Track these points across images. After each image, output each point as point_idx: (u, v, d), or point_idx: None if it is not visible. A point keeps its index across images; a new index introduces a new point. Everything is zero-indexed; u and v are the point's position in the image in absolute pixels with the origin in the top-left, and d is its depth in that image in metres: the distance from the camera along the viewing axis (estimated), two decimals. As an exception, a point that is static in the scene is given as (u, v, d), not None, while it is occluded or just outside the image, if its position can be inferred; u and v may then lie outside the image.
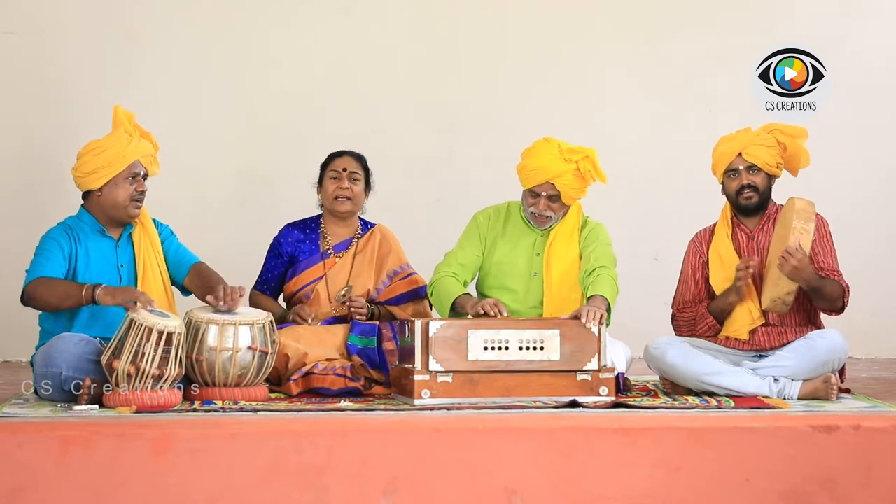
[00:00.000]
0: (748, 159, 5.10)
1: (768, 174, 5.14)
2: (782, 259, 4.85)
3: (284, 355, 5.04)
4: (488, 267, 5.31)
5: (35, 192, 7.06)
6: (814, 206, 4.95)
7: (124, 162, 4.89)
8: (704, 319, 5.15)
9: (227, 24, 7.30)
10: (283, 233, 5.51)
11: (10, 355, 7.02)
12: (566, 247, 5.25)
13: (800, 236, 4.86)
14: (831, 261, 5.08)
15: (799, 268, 4.83)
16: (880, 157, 7.46)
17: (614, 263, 5.21)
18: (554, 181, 5.15)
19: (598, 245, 5.23)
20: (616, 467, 3.93)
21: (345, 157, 5.46)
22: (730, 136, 5.21)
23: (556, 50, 7.43)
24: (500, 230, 5.32)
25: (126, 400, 4.42)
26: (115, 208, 4.93)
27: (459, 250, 5.31)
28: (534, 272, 5.25)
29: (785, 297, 4.93)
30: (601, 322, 4.70)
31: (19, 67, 7.16)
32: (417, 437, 3.98)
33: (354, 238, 5.49)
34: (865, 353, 7.32)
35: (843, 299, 5.02)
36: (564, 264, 5.23)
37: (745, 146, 5.11)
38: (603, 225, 5.33)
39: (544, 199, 5.19)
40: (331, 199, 5.40)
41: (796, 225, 4.88)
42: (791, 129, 5.19)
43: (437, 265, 5.30)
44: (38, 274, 4.80)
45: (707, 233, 5.30)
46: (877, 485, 3.95)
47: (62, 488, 3.79)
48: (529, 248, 5.28)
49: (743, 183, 5.11)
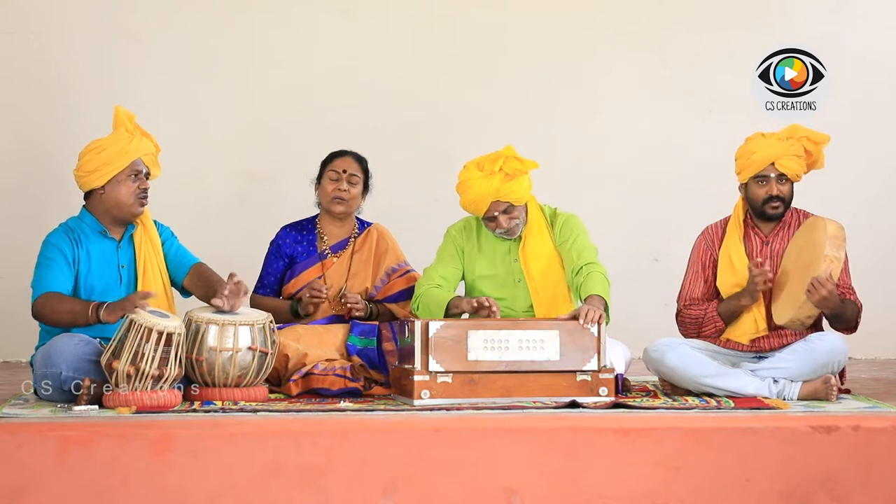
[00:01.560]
0: (780, 169, 5.02)
1: (792, 183, 5.11)
2: (812, 288, 4.77)
3: (284, 355, 5.04)
4: (472, 281, 5.30)
5: (35, 192, 7.06)
6: (844, 231, 4.87)
7: (126, 159, 4.89)
8: (714, 322, 5.09)
9: (227, 23, 7.30)
10: (280, 234, 5.51)
11: (10, 355, 7.02)
12: (540, 245, 5.22)
13: (831, 265, 4.78)
14: (846, 277, 5.04)
15: (828, 298, 4.78)
16: (881, 158, 7.45)
17: (596, 253, 5.18)
18: (496, 198, 5.12)
19: (577, 237, 5.19)
20: (616, 467, 3.93)
21: (346, 158, 5.46)
22: (762, 142, 5.08)
23: (556, 50, 7.43)
24: (474, 243, 5.30)
25: (126, 400, 4.42)
26: (119, 207, 4.92)
27: (439, 265, 5.30)
28: (517, 278, 5.24)
29: (805, 321, 4.89)
30: (600, 322, 4.70)
31: (19, 67, 7.15)
32: (417, 437, 3.98)
33: (351, 237, 5.49)
34: (865, 354, 7.32)
35: (857, 320, 5.00)
36: (542, 263, 5.20)
37: (779, 156, 5.02)
38: (575, 215, 5.29)
39: (501, 217, 5.16)
40: (328, 199, 5.41)
41: (828, 253, 4.79)
42: (818, 137, 5.10)
43: (418, 281, 5.30)
44: (44, 289, 4.79)
45: (719, 229, 5.22)
46: (877, 485, 3.95)
47: (62, 488, 3.79)
48: (506, 256, 5.26)
49: (773, 193, 5.04)
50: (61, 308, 4.74)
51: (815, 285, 4.76)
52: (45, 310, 4.76)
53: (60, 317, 4.74)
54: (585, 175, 7.31)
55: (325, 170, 5.45)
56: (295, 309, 5.33)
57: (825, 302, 4.79)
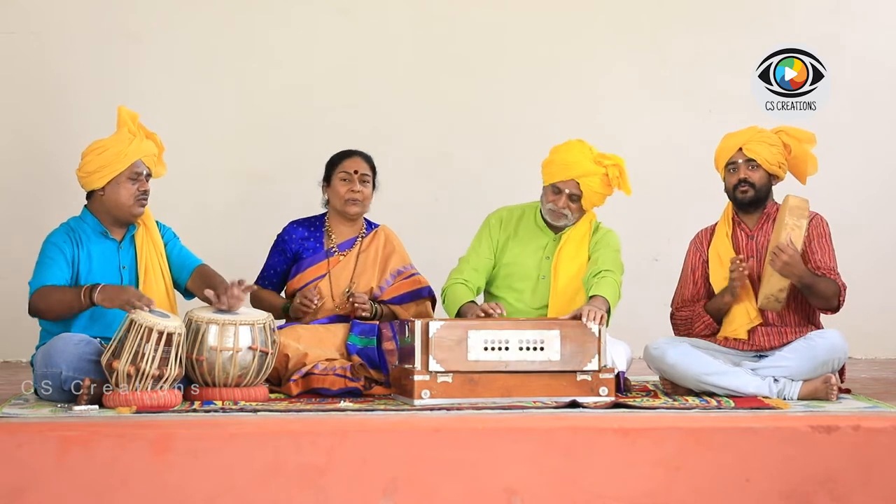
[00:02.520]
0: (747, 154, 5.10)
1: (768, 172, 5.13)
2: (773, 255, 4.87)
3: (284, 355, 5.04)
4: (498, 267, 5.32)
5: (35, 192, 7.06)
6: (807, 203, 4.96)
7: (126, 161, 4.89)
8: (701, 318, 5.15)
9: (227, 23, 7.30)
10: (287, 230, 5.50)
11: (10, 355, 7.02)
12: (576, 251, 5.26)
13: (791, 232, 4.87)
14: (829, 261, 5.06)
15: (790, 263, 4.84)
16: (881, 157, 7.46)
17: (621, 270, 5.23)
18: (580, 180, 5.17)
19: (607, 250, 5.24)
20: (616, 467, 3.94)
21: (355, 159, 5.43)
22: (735, 132, 5.21)
23: (556, 50, 7.43)
24: (511, 231, 5.34)
25: (126, 400, 4.42)
26: (119, 208, 4.92)
27: (472, 254, 5.34)
28: (542, 275, 5.26)
29: (777, 294, 4.93)
30: (601, 322, 4.71)
31: (19, 67, 7.15)
32: (417, 437, 3.98)
33: (359, 237, 5.49)
34: (865, 353, 7.32)
35: (838, 297, 5.00)
36: (573, 269, 5.24)
37: (746, 141, 5.12)
38: (614, 232, 5.35)
39: (565, 197, 5.19)
40: (342, 201, 5.38)
41: (788, 221, 4.89)
42: (798, 133, 5.18)
43: (451, 271, 5.32)
44: (40, 284, 4.79)
45: (708, 232, 5.30)
46: (877, 485, 3.95)
47: (62, 488, 3.79)
48: (540, 251, 5.29)
49: (740, 177, 5.11)
50: (54, 297, 4.73)
51: (776, 252, 4.85)
52: (40, 303, 4.76)
53: (54, 306, 4.73)
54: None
55: (335, 171, 5.42)
56: (287, 310, 5.33)
57: (788, 268, 4.84)
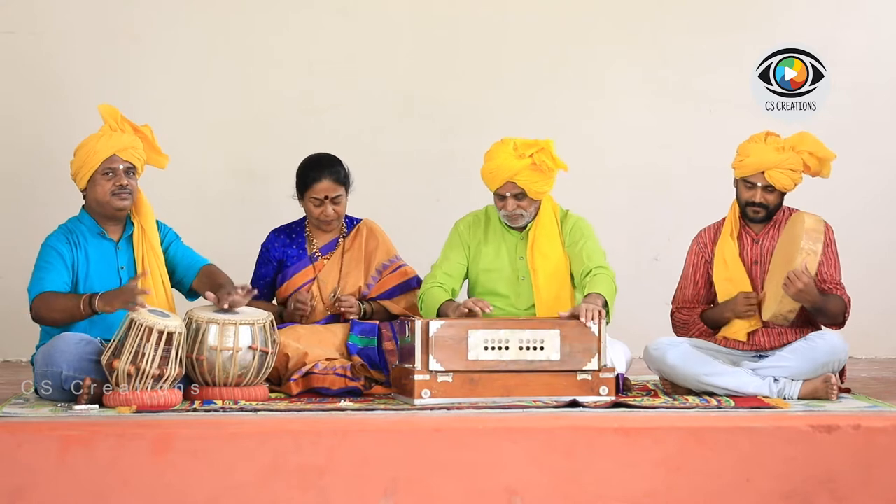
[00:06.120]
0: (768, 180, 5.01)
1: (782, 192, 5.09)
2: (788, 281, 4.78)
3: (284, 355, 5.04)
4: (476, 274, 5.29)
5: (35, 192, 7.05)
6: (823, 223, 4.88)
7: (98, 158, 4.87)
8: (696, 325, 5.17)
9: (227, 24, 7.29)
10: (269, 239, 5.49)
11: (10, 355, 7.01)
12: (549, 246, 5.22)
13: (807, 258, 4.79)
14: (835, 273, 5.03)
15: (804, 291, 4.79)
16: (881, 158, 7.44)
17: (605, 257, 5.19)
18: (513, 179, 5.10)
19: (586, 241, 5.19)
20: (616, 467, 3.94)
21: (324, 183, 5.28)
22: (759, 148, 5.04)
23: (556, 50, 7.42)
24: (481, 236, 5.30)
25: (126, 400, 4.42)
26: (101, 205, 4.92)
27: (444, 261, 5.29)
28: (521, 276, 5.24)
29: (787, 315, 4.90)
30: (600, 319, 4.70)
31: (19, 67, 7.15)
32: (417, 437, 3.98)
33: (340, 237, 5.47)
34: (865, 353, 7.31)
35: (844, 315, 4.99)
36: (549, 266, 5.20)
37: (770, 167, 4.98)
38: (584, 218, 5.30)
39: (511, 199, 5.15)
40: (316, 220, 5.36)
41: (804, 246, 4.80)
42: (822, 152, 5.06)
43: (425, 278, 5.30)
44: (40, 289, 4.79)
45: (711, 231, 5.25)
46: (877, 485, 3.95)
47: (62, 488, 3.79)
48: (512, 252, 5.25)
49: (755, 200, 5.05)
50: (56, 305, 4.74)
51: (791, 278, 4.78)
52: (41, 311, 4.77)
53: (57, 314, 4.75)
54: (586, 175, 7.28)
55: (305, 194, 5.33)
56: (282, 315, 5.32)
57: (802, 295, 4.80)
